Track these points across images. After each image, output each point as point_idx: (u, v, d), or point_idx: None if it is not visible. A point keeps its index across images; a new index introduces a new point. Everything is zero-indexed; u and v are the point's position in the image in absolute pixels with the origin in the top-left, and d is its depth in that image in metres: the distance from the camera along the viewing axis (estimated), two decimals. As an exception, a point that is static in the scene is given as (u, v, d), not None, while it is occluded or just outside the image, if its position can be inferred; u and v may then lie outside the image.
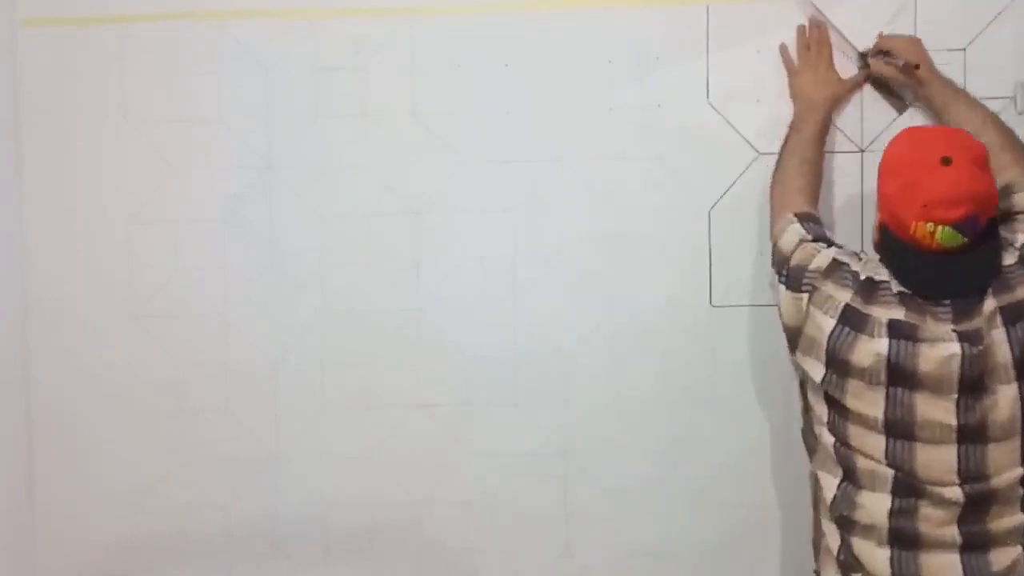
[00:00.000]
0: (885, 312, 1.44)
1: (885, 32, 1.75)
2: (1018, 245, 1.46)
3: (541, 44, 1.81)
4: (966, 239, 1.40)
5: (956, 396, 1.41)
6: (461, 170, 1.83)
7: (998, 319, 1.41)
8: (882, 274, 1.48)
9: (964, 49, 1.76)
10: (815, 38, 1.76)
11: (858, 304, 1.46)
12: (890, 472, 1.46)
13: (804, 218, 1.59)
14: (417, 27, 1.81)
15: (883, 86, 1.77)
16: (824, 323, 1.47)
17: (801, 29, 1.77)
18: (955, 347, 1.40)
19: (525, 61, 1.81)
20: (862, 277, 1.48)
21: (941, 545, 1.44)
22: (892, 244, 1.47)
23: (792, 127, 1.71)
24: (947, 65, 1.74)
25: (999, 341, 1.41)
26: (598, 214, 1.80)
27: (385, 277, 1.84)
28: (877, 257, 1.52)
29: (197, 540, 1.87)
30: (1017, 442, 1.43)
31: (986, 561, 1.43)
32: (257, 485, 1.87)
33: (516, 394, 1.84)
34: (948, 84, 1.69)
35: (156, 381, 1.86)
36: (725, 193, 1.79)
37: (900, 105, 1.77)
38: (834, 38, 1.76)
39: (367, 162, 1.83)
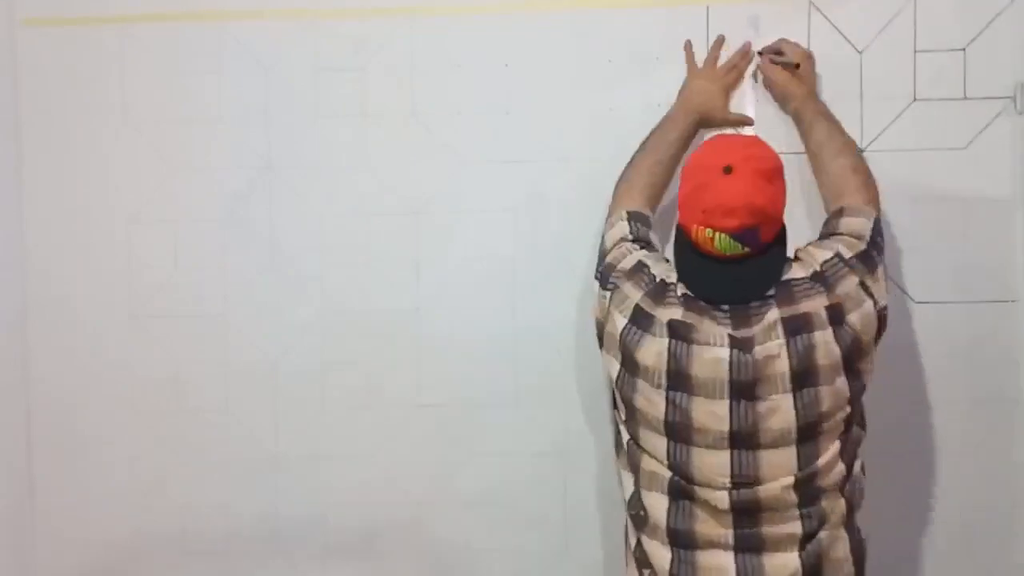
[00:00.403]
0: (667, 312, 1.47)
1: (886, 31, 1.75)
2: (819, 262, 1.46)
3: (541, 44, 1.81)
4: (747, 248, 1.42)
5: (728, 401, 1.43)
6: (461, 170, 1.83)
7: (779, 329, 1.42)
8: (674, 276, 1.51)
9: (964, 49, 1.76)
10: (735, 61, 1.76)
11: (646, 305, 1.49)
12: (668, 475, 1.48)
13: (634, 217, 1.62)
14: (417, 27, 1.81)
15: (881, 84, 1.77)
16: (618, 322, 1.51)
17: (718, 40, 1.77)
18: (724, 352, 1.42)
19: (525, 61, 1.81)
20: (657, 279, 1.51)
21: (715, 545, 1.46)
22: (681, 245, 1.50)
23: (659, 126, 1.72)
24: (947, 65, 1.75)
25: (777, 351, 1.41)
26: (598, 214, 1.80)
27: (385, 277, 1.84)
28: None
29: (197, 540, 1.87)
30: (791, 451, 1.43)
31: (759, 563, 1.44)
32: (257, 485, 1.87)
33: (516, 394, 1.84)
34: (820, 106, 1.70)
35: (156, 381, 1.86)
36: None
37: (900, 105, 1.77)
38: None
39: (367, 162, 1.83)
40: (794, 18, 1.78)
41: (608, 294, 1.55)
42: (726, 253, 1.43)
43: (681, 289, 1.49)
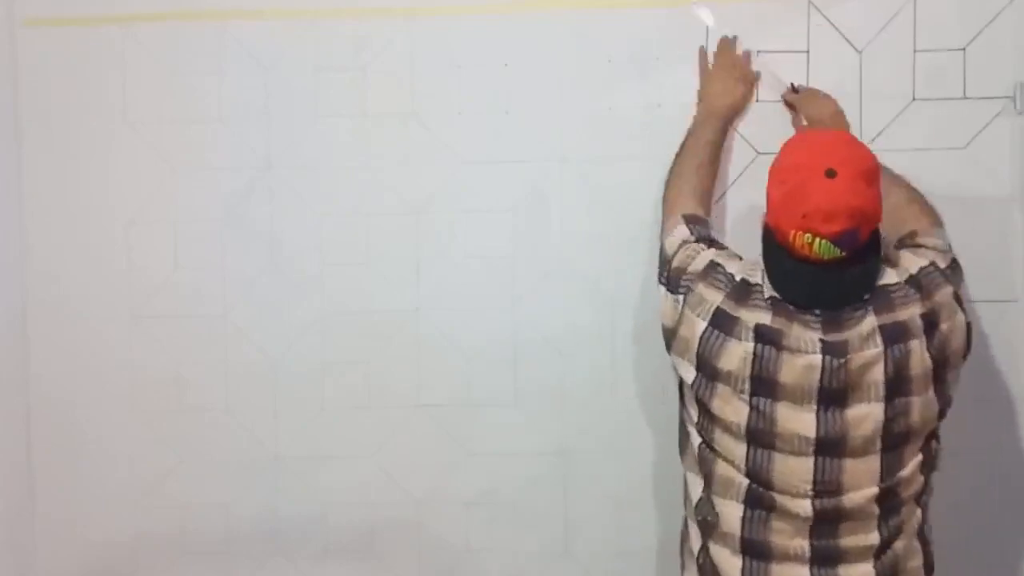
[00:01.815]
0: (753, 316, 1.43)
1: (885, 31, 1.76)
2: (914, 268, 1.45)
3: (541, 44, 1.81)
4: (844, 252, 1.38)
5: (815, 407, 1.40)
6: (461, 170, 1.83)
7: (878, 337, 1.39)
8: (757, 277, 1.47)
9: (964, 49, 1.77)
10: (734, 51, 1.77)
11: (729, 307, 1.45)
12: (745, 482, 1.46)
13: (691, 220, 1.59)
14: (417, 27, 1.81)
15: (881, 83, 1.77)
16: (696, 325, 1.47)
17: (724, 40, 1.77)
18: (816, 359, 1.39)
19: (525, 61, 1.81)
20: (737, 279, 1.47)
21: (791, 557, 1.44)
22: (772, 248, 1.45)
23: (691, 131, 1.72)
24: (947, 65, 1.75)
25: (874, 359, 1.39)
26: (598, 214, 1.81)
27: (385, 277, 1.84)
28: (760, 260, 1.50)
29: (197, 540, 1.87)
30: (875, 460, 1.41)
31: (834, 575, 1.43)
32: (257, 485, 1.87)
33: (516, 394, 1.84)
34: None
35: (156, 381, 1.86)
36: (725, 193, 1.79)
37: (900, 104, 1.77)
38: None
39: (367, 162, 1.83)
40: (794, 18, 1.78)
41: (681, 297, 1.50)
42: (824, 258, 1.38)
43: (768, 291, 1.44)
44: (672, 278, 1.54)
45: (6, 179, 1.84)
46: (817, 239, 1.36)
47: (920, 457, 1.44)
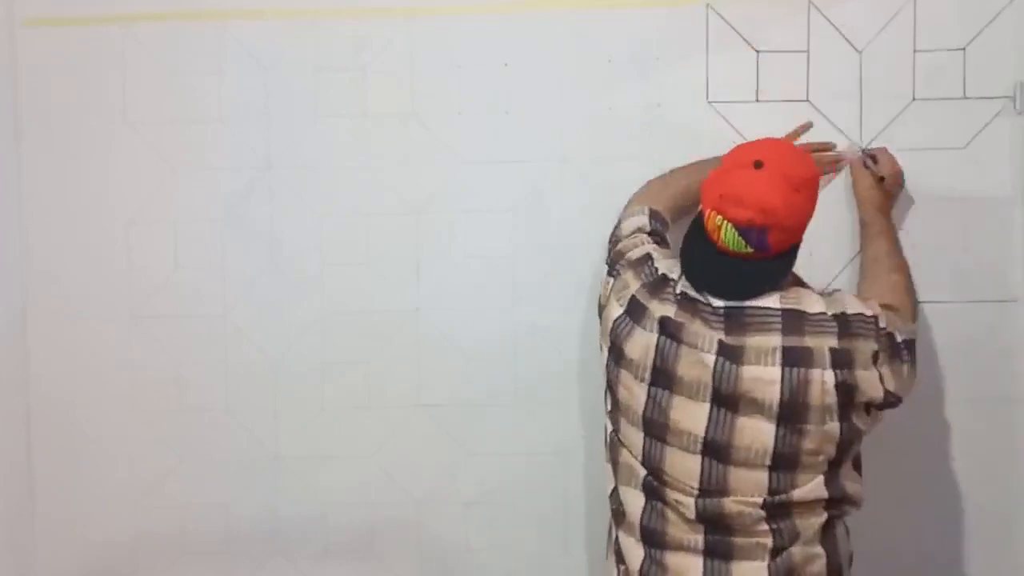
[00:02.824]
0: (661, 308, 1.46)
1: (885, 31, 1.75)
2: (851, 310, 1.42)
3: (541, 44, 1.81)
4: (750, 249, 1.39)
5: (708, 405, 1.41)
6: (461, 170, 1.83)
7: (777, 356, 1.39)
8: (675, 273, 1.49)
9: (964, 49, 1.77)
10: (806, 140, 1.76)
11: (642, 296, 1.49)
12: (643, 471, 1.48)
13: (655, 216, 1.61)
14: (417, 27, 1.81)
15: (881, 83, 1.77)
16: (614, 310, 1.51)
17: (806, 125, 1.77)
18: (710, 358, 1.41)
19: (525, 61, 1.81)
20: (659, 273, 1.50)
21: (686, 548, 1.45)
22: (692, 229, 1.48)
23: (701, 160, 1.70)
24: (947, 65, 1.75)
25: (768, 378, 1.39)
26: (598, 214, 1.80)
27: (385, 277, 1.84)
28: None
29: (197, 540, 1.87)
30: (763, 474, 1.41)
31: (727, 570, 1.43)
32: (257, 485, 1.87)
33: (516, 394, 1.84)
34: (890, 223, 1.69)
35: (156, 381, 1.86)
36: (725, 193, 1.79)
37: (900, 104, 1.77)
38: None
39: (367, 162, 1.83)
40: (794, 18, 1.78)
41: (612, 281, 1.55)
42: (730, 248, 1.41)
43: (681, 286, 1.47)
44: (613, 260, 1.58)
45: (6, 179, 1.84)
46: (726, 223, 1.39)
47: (821, 479, 1.42)
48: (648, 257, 1.53)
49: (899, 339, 1.45)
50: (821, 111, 1.78)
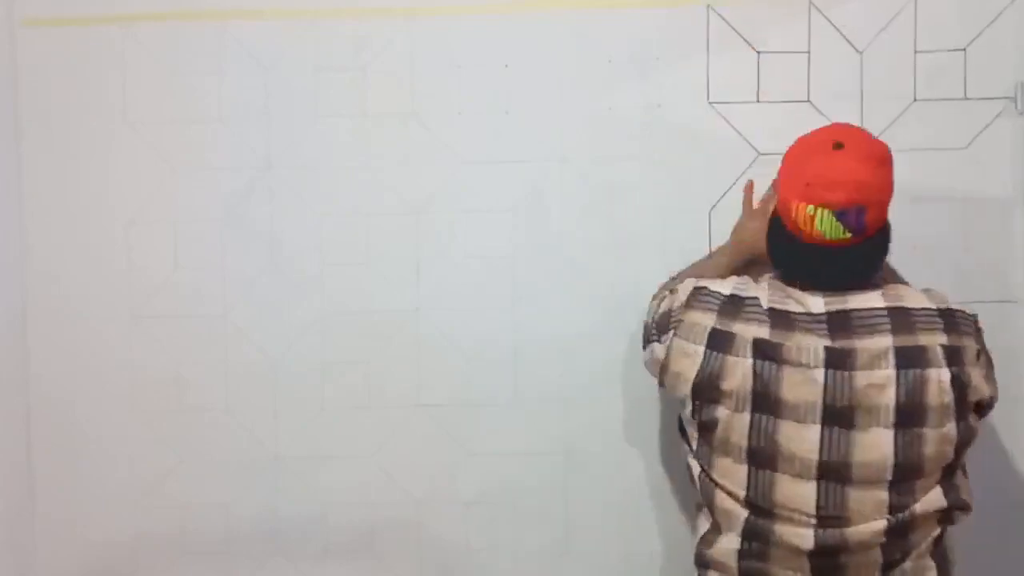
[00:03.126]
0: (750, 330, 1.38)
1: (886, 31, 1.75)
2: (952, 305, 1.40)
3: (541, 44, 1.81)
4: (849, 234, 1.34)
5: (819, 427, 1.34)
6: (461, 170, 1.83)
7: (891, 357, 1.34)
8: (751, 291, 1.43)
9: (964, 49, 1.76)
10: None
11: (722, 325, 1.40)
12: (744, 513, 1.40)
13: (670, 289, 1.58)
14: (417, 27, 1.81)
15: (882, 84, 1.77)
16: (692, 351, 1.41)
17: (776, 182, 1.68)
18: (819, 373, 1.33)
19: (525, 61, 1.81)
20: (726, 294, 1.43)
21: None
22: (778, 233, 1.42)
23: (711, 255, 1.71)
24: (947, 65, 1.75)
25: (883, 381, 1.33)
26: (598, 214, 1.80)
27: (385, 277, 1.84)
28: (752, 279, 1.48)
29: (197, 540, 1.87)
30: (883, 491, 1.35)
31: None
32: (257, 485, 1.87)
33: (516, 394, 1.84)
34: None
35: (156, 381, 1.86)
36: (725, 193, 1.79)
37: (900, 105, 1.77)
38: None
39: (367, 162, 1.83)
40: (795, 19, 1.78)
41: (670, 334, 1.45)
42: (828, 238, 1.34)
43: (766, 302, 1.39)
44: (659, 325, 1.50)
45: (6, 179, 1.84)
46: (820, 211, 1.33)
47: (938, 490, 1.37)
48: (699, 288, 1.45)
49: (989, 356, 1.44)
50: (822, 112, 1.78)
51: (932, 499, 1.36)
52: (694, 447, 1.47)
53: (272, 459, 1.87)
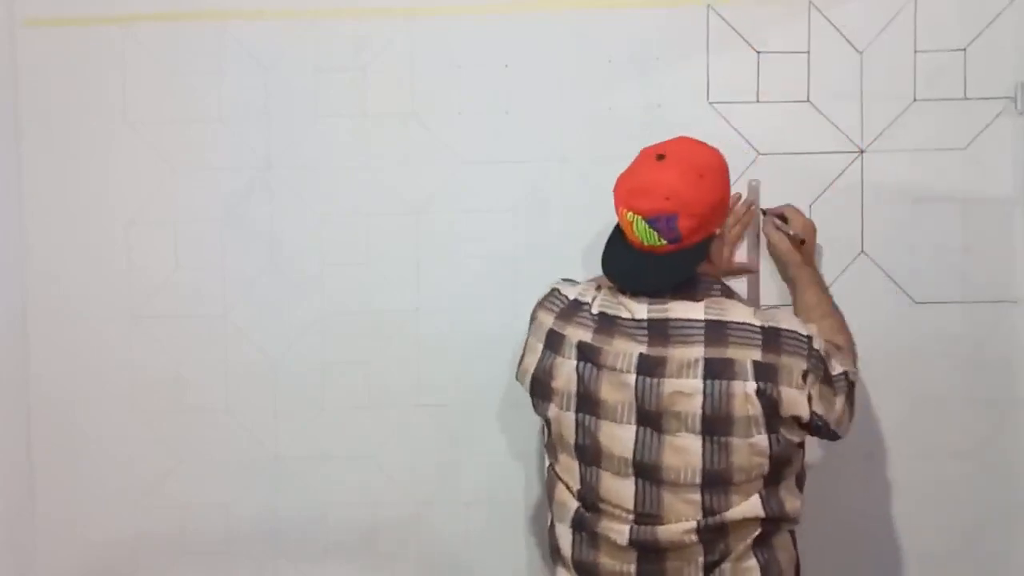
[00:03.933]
0: (577, 333, 1.47)
1: (886, 31, 1.75)
2: (782, 326, 1.40)
3: (541, 44, 1.81)
4: (664, 241, 1.40)
5: (635, 427, 1.41)
6: (461, 170, 1.83)
7: (699, 369, 1.38)
8: (588, 295, 1.50)
9: (964, 49, 1.76)
10: (739, 213, 1.71)
11: (557, 326, 1.50)
12: (574, 505, 1.48)
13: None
14: (417, 27, 1.81)
15: (882, 84, 1.77)
16: (535, 348, 1.52)
17: (736, 196, 1.69)
18: (631, 378, 1.40)
19: (525, 61, 1.81)
20: (570, 299, 1.51)
21: (619, 574, 1.45)
22: (612, 234, 1.50)
23: None
24: (947, 65, 1.75)
25: (690, 390, 1.38)
26: (598, 214, 1.80)
27: (385, 277, 1.84)
28: (598, 283, 1.53)
29: (197, 540, 1.87)
30: (695, 495, 1.40)
31: None
32: (257, 485, 1.87)
33: (516, 394, 1.83)
34: (816, 275, 1.67)
35: (156, 381, 1.86)
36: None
37: (900, 105, 1.77)
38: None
39: (367, 162, 1.83)
40: (795, 19, 1.78)
41: (527, 337, 1.57)
42: (644, 243, 1.42)
43: (597, 306, 1.47)
44: (530, 319, 1.59)
45: (6, 179, 1.84)
46: (636, 218, 1.41)
47: (756, 499, 1.41)
48: (554, 291, 1.56)
49: (835, 370, 1.44)
50: (822, 112, 1.78)
51: (748, 507, 1.41)
52: (545, 440, 1.57)
53: (272, 459, 1.87)
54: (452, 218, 1.83)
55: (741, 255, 1.76)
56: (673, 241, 1.41)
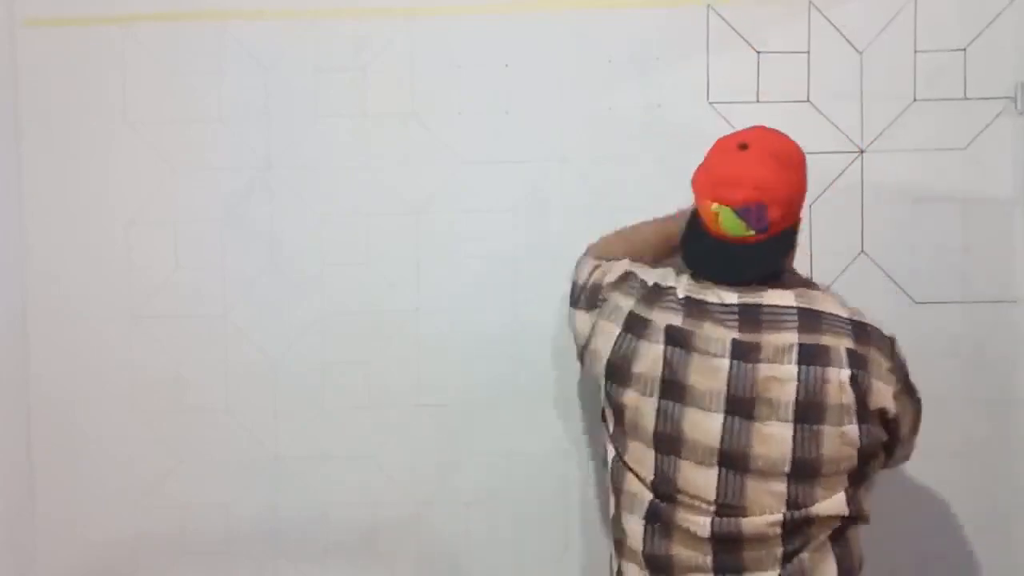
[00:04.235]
0: (664, 317, 1.43)
1: (886, 31, 1.75)
2: (866, 320, 1.41)
3: (541, 44, 1.81)
4: (751, 231, 1.39)
5: (722, 416, 1.38)
6: (461, 170, 1.83)
7: (793, 354, 1.37)
8: (671, 280, 1.48)
9: (964, 49, 1.77)
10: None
11: (640, 310, 1.46)
12: (648, 497, 1.44)
13: (604, 258, 1.60)
14: (417, 27, 1.81)
15: (882, 84, 1.77)
16: (610, 332, 1.48)
17: None
18: (723, 362, 1.38)
19: (525, 61, 1.81)
20: (650, 283, 1.48)
21: (693, 568, 1.42)
22: (693, 226, 1.47)
23: (667, 219, 1.67)
24: (947, 65, 1.75)
25: (784, 376, 1.36)
26: (598, 214, 1.80)
27: (385, 277, 1.84)
28: (676, 270, 1.51)
29: (197, 540, 1.87)
30: (781, 485, 1.37)
31: None
32: (257, 485, 1.87)
33: (516, 394, 1.84)
34: None
35: (156, 381, 1.86)
36: (725, 193, 1.79)
37: (900, 105, 1.77)
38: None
39: (367, 162, 1.83)
40: (795, 19, 1.78)
41: (596, 311, 1.52)
42: (731, 234, 1.39)
43: (683, 291, 1.45)
44: (589, 296, 1.55)
45: (6, 179, 1.84)
46: (723, 209, 1.39)
47: (842, 496, 1.39)
48: (628, 274, 1.52)
49: (916, 392, 1.44)
50: (822, 112, 1.78)
51: (833, 504, 1.39)
52: (611, 430, 1.51)
53: (272, 459, 1.87)
54: (452, 218, 1.83)
55: None
56: (762, 231, 1.39)
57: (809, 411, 1.36)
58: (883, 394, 1.38)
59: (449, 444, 1.86)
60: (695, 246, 1.46)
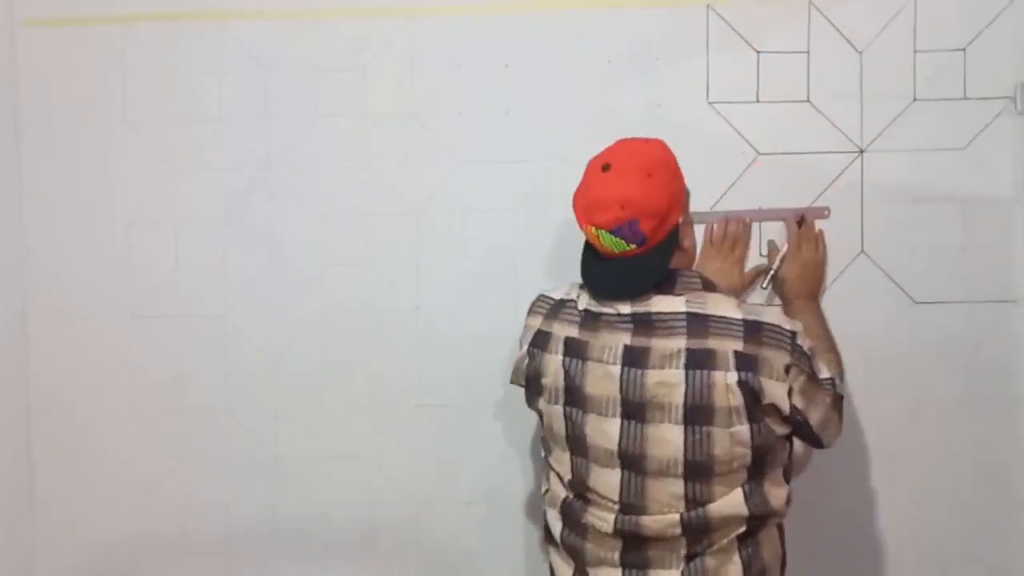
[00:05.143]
0: (564, 330, 1.50)
1: (886, 31, 1.76)
2: (766, 320, 1.41)
3: (541, 44, 1.81)
4: (633, 245, 1.40)
5: (619, 420, 1.43)
6: (461, 170, 1.83)
7: (682, 359, 1.39)
8: (574, 293, 1.52)
9: (964, 49, 1.76)
10: (734, 232, 1.78)
11: (545, 326, 1.53)
12: (563, 494, 1.52)
13: None
14: (417, 27, 1.81)
15: (882, 84, 1.77)
16: (525, 350, 1.56)
17: (723, 220, 1.78)
18: (615, 369, 1.42)
19: (525, 61, 1.81)
20: (555, 299, 1.54)
21: (604, 562, 1.48)
22: (585, 248, 1.49)
23: None
24: (947, 65, 1.75)
25: (672, 380, 1.39)
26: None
27: (385, 277, 1.84)
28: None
29: (197, 540, 1.88)
30: (678, 485, 1.41)
31: None
32: (257, 485, 1.87)
33: (516, 394, 1.83)
34: (815, 305, 1.72)
35: (157, 381, 1.86)
36: (725, 193, 1.79)
37: (900, 105, 1.78)
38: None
39: (367, 162, 1.83)
40: (795, 18, 1.78)
41: (521, 339, 1.59)
42: (615, 251, 1.42)
43: (584, 303, 1.49)
44: (523, 334, 1.60)
45: (6, 179, 1.84)
46: (599, 231, 1.41)
47: (739, 493, 1.42)
48: (540, 297, 1.58)
49: (822, 373, 1.45)
50: (822, 112, 1.78)
51: (730, 503, 1.42)
52: (542, 434, 1.60)
53: (272, 459, 1.87)
54: (452, 218, 1.83)
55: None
56: (640, 244, 1.41)
57: (698, 413, 1.39)
58: (775, 393, 1.39)
59: (449, 444, 1.86)
60: (588, 264, 1.49)
